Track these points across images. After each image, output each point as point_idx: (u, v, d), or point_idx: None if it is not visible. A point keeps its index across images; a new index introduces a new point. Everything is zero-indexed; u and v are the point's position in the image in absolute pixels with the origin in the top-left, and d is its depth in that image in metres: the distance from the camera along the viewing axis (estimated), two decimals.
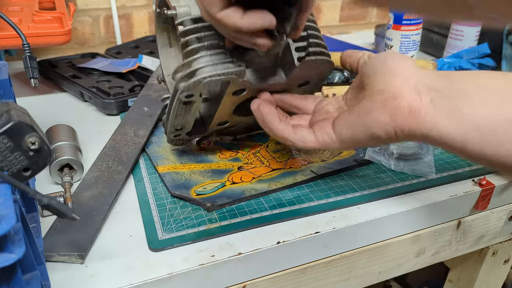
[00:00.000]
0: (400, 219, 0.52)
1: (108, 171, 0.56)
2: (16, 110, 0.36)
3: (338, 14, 1.27)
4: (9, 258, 0.29)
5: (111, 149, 0.60)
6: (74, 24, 1.00)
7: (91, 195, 0.51)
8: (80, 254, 0.43)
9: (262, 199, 0.52)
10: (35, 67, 0.41)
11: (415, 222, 0.53)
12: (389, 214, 0.50)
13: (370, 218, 0.50)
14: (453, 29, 0.88)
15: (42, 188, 0.53)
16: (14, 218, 0.29)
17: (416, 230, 0.55)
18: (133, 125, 0.65)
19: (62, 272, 0.42)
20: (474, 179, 0.57)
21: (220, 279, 0.45)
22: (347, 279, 0.54)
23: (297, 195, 0.52)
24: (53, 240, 0.45)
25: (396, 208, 0.51)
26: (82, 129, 0.64)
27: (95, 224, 0.47)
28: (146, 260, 0.44)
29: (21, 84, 0.84)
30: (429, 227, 0.55)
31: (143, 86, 0.77)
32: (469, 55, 0.84)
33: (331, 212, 0.50)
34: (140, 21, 1.06)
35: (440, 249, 0.59)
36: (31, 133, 0.35)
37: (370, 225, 0.50)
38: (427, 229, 0.55)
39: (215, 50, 0.45)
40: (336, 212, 0.50)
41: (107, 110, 0.74)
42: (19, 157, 0.35)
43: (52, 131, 0.59)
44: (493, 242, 0.65)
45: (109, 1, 0.98)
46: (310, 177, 0.55)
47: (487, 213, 0.59)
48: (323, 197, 0.52)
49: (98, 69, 0.84)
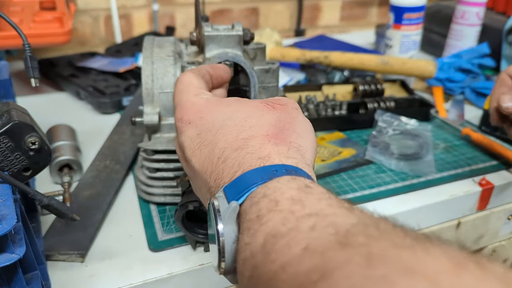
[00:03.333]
0: (400, 218, 0.52)
1: (106, 170, 0.56)
2: (16, 110, 0.36)
3: (338, 13, 1.27)
4: (10, 258, 0.29)
5: (109, 149, 0.60)
6: (74, 24, 0.99)
7: (90, 195, 0.51)
8: (80, 253, 0.43)
9: None
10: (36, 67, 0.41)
11: (415, 221, 0.53)
12: (389, 214, 0.50)
13: None
14: (453, 29, 0.88)
15: (42, 188, 0.53)
16: (14, 218, 0.29)
17: (416, 230, 0.54)
18: (130, 125, 0.65)
19: (63, 271, 0.42)
20: (474, 179, 0.57)
21: (220, 279, 0.45)
22: None
23: None
24: (53, 240, 0.45)
25: (396, 207, 0.51)
26: (80, 128, 0.64)
27: (94, 223, 0.47)
28: (146, 260, 0.44)
29: (21, 83, 0.84)
30: (429, 226, 0.55)
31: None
32: (469, 55, 0.84)
33: None
34: (140, 21, 1.06)
35: None
36: (31, 133, 0.35)
37: None
38: (427, 229, 0.55)
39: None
40: None
41: (102, 109, 0.74)
42: (20, 157, 0.35)
43: (53, 131, 0.59)
44: (492, 241, 0.65)
45: (109, 1, 0.98)
46: None
47: (487, 213, 0.59)
48: None
49: (96, 68, 0.84)
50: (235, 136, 0.29)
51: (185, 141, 0.32)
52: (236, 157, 0.27)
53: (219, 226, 0.24)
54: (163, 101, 0.48)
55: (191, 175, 0.33)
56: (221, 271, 0.25)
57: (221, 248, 0.24)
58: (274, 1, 1.17)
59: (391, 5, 0.82)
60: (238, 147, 0.28)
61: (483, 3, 0.84)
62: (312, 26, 1.26)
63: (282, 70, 0.85)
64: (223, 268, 0.24)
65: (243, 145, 0.28)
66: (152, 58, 0.48)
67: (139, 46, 0.96)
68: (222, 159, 0.28)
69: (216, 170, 0.28)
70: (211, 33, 0.44)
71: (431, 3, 1.00)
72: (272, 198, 0.23)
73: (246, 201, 0.24)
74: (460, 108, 0.74)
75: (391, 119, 0.67)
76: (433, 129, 0.69)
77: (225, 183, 0.26)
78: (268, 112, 0.30)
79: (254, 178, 0.25)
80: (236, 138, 0.29)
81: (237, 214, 0.24)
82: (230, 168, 0.27)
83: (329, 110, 0.70)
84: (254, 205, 0.23)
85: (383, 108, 0.70)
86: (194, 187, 0.34)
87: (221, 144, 0.29)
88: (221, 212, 0.24)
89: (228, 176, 0.26)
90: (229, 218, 0.24)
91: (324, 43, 1.04)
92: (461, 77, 0.80)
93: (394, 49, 0.85)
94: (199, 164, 0.30)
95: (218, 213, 0.24)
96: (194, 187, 0.34)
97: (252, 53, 0.48)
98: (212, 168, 0.29)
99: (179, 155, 0.34)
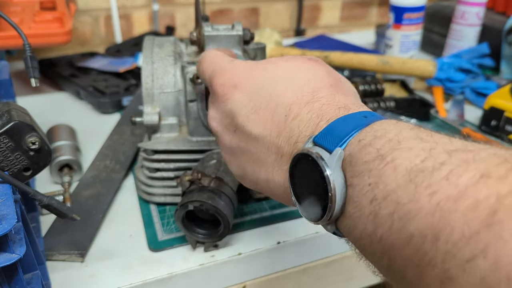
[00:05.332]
0: None
1: (106, 170, 0.56)
2: (16, 110, 0.36)
3: (338, 13, 1.27)
4: (10, 258, 0.29)
5: (109, 149, 0.60)
6: (74, 24, 1.00)
7: (90, 194, 0.51)
8: (80, 253, 0.43)
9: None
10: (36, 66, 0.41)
11: None
12: None
13: None
14: (453, 29, 0.88)
15: (42, 188, 0.53)
16: (15, 218, 0.29)
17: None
18: (130, 125, 0.65)
19: (63, 271, 0.42)
20: None
21: (220, 279, 0.45)
22: (347, 279, 0.54)
23: None
24: (53, 240, 0.45)
25: None
26: (80, 128, 0.64)
27: (94, 223, 0.47)
28: (146, 260, 0.44)
29: (21, 83, 0.84)
30: None
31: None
32: (469, 55, 0.84)
33: None
34: (140, 21, 1.06)
35: None
36: (31, 133, 0.35)
37: None
38: None
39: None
40: None
41: (102, 108, 0.74)
42: (20, 157, 0.35)
43: (53, 131, 0.59)
44: None
45: (109, 1, 0.98)
46: None
47: None
48: None
49: (96, 68, 0.84)
50: (298, 91, 0.28)
51: (236, 107, 0.30)
52: (311, 110, 0.26)
53: (327, 172, 0.23)
54: (163, 101, 0.48)
55: (243, 145, 0.30)
56: (327, 220, 0.24)
57: (332, 195, 0.22)
58: (274, 1, 1.17)
59: (391, 5, 0.82)
60: (308, 101, 0.27)
61: (483, 3, 0.84)
62: (312, 26, 1.26)
63: None
64: (332, 215, 0.23)
65: (313, 98, 0.27)
66: (152, 58, 0.48)
67: (139, 46, 0.96)
68: (292, 116, 0.27)
69: (286, 128, 0.27)
70: (211, 33, 0.44)
71: (431, 3, 1.00)
72: (389, 138, 0.22)
73: (350, 146, 0.23)
74: (460, 108, 0.74)
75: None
76: (433, 129, 0.68)
77: (308, 135, 0.26)
78: (316, 65, 0.30)
79: (348, 125, 0.24)
80: (301, 92, 0.28)
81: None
82: (308, 121, 0.26)
83: None
84: (365, 147, 0.22)
85: (383, 108, 0.70)
86: (244, 160, 0.31)
87: (284, 102, 0.28)
88: (326, 159, 0.23)
89: (309, 129, 0.26)
90: (336, 164, 0.23)
91: (324, 43, 1.04)
92: (461, 77, 0.80)
93: (394, 49, 0.85)
94: (260, 128, 0.29)
95: (323, 160, 0.23)
96: (243, 163, 0.31)
97: (252, 53, 0.48)
98: (279, 128, 0.28)
99: (222, 126, 0.32)
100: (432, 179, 0.18)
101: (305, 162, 0.24)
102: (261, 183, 0.31)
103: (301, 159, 0.25)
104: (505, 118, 0.64)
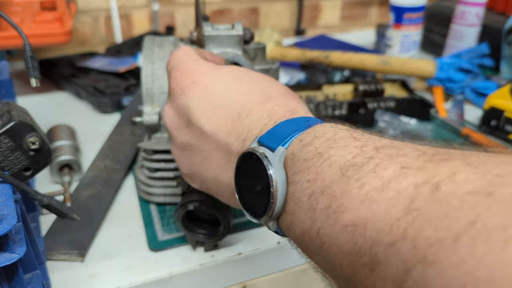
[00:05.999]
0: None
1: (106, 170, 0.56)
2: (17, 110, 0.36)
3: (338, 13, 1.27)
4: (10, 258, 0.29)
5: (109, 149, 0.60)
6: (74, 24, 1.00)
7: (90, 194, 0.51)
8: (81, 252, 0.43)
9: None
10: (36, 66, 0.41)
11: None
12: None
13: None
14: (453, 29, 0.88)
15: (42, 188, 0.53)
16: (15, 218, 0.29)
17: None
18: (130, 124, 0.65)
19: (63, 271, 0.42)
20: None
21: (220, 279, 0.45)
22: None
23: None
24: (53, 239, 0.45)
25: None
26: (80, 128, 0.64)
27: (94, 223, 0.47)
28: (146, 260, 0.44)
29: (22, 83, 0.84)
30: None
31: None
32: (469, 55, 0.84)
33: None
34: (140, 20, 1.06)
35: None
36: (31, 133, 0.35)
37: None
38: None
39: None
40: None
41: (102, 108, 0.74)
42: (20, 157, 0.35)
43: (53, 131, 0.59)
44: None
45: (109, 1, 0.98)
46: None
47: None
48: None
49: (96, 68, 0.85)
50: (254, 92, 0.29)
51: (191, 102, 0.30)
52: (262, 110, 0.28)
53: (270, 171, 0.24)
54: (163, 101, 0.48)
55: (194, 142, 0.31)
56: (268, 217, 0.25)
57: (274, 191, 0.24)
58: (274, 1, 1.17)
59: (391, 5, 0.82)
60: (261, 101, 0.28)
61: (483, 3, 0.84)
62: (312, 26, 1.26)
63: (282, 69, 0.85)
64: (273, 211, 0.24)
65: (267, 99, 0.29)
66: (152, 58, 0.48)
67: (139, 46, 0.96)
68: (244, 114, 0.28)
69: (237, 126, 0.28)
70: (211, 33, 0.44)
71: (431, 3, 1.00)
72: (327, 138, 0.23)
73: (292, 146, 0.24)
74: (460, 108, 0.74)
75: (391, 119, 0.67)
76: (433, 129, 0.69)
77: (255, 135, 0.27)
78: (273, 79, 0.32)
79: (292, 126, 0.25)
80: (258, 93, 0.29)
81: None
82: (258, 121, 0.27)
83: (329, 110, 0.70)
84: (305, 147, 0.23)
85: (383, 108, 0.70)
86: (194, 157, 0.32)
87: (239, 101, 0.29)
88: (269, 157, 0.24)
89: (258, 128, 0.27)
90: (278, 162, 0.24)
91: (324, 43, 1.04)
92: (461, 77, 0.80)
93: (394, 49, 0.85)
94: (212, 125, 0.29)
95: (266, 158, 0.24)
96: (192, 161, 0.32)
97: (252, 53, 0.49)
98: (231, 126, 0.29)
99: (176, 120, 0.32)
100: (362, 173, 0.20)
101: (250, 161, 0.26)
102: (209, 182, 0.32)
103: (247, 158, 0.26)
104: (505, 118, 0.64)
